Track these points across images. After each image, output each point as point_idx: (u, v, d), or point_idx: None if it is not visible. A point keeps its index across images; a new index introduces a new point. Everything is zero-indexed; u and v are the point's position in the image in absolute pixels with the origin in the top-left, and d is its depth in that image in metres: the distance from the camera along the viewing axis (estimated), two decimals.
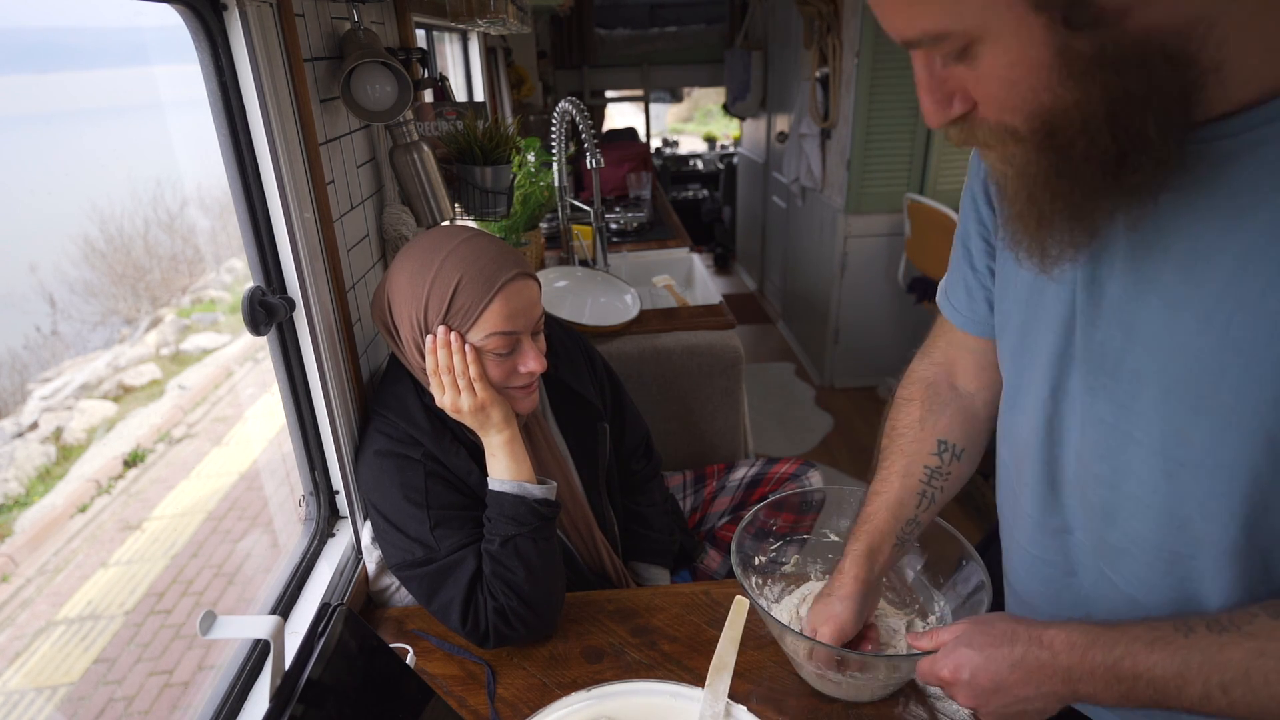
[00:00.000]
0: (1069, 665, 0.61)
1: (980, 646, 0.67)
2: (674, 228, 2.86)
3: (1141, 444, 0.61)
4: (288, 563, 1.08)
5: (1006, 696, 0.65)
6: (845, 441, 3.17)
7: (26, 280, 3.15)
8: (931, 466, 0.86)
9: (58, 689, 2.09)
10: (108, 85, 2.84)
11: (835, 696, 0.90)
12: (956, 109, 0.53)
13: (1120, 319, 0.60)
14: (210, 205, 3.86)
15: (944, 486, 0.87)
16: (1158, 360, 0.58)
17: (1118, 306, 0.60)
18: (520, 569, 0.97)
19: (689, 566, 1.41)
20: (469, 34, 2.85)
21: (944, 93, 0.53)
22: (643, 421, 1.37)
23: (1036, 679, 0.63)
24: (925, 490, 0.86)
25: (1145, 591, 0.65)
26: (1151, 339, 0.58)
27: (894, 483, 0.87)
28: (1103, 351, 0.62)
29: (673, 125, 11.26)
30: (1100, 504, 0.66)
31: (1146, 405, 0.59)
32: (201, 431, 3.44)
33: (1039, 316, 0.68)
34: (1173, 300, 0.56)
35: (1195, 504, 0.59)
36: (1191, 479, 0.58)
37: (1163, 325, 0.57)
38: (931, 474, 0.86)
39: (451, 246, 0.99)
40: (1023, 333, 0.71)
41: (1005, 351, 0.76)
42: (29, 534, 2.52)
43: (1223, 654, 0.55)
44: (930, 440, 0.87)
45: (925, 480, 0.86)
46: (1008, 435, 0.78)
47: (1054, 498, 0.71)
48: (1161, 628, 0.58)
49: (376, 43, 1.18)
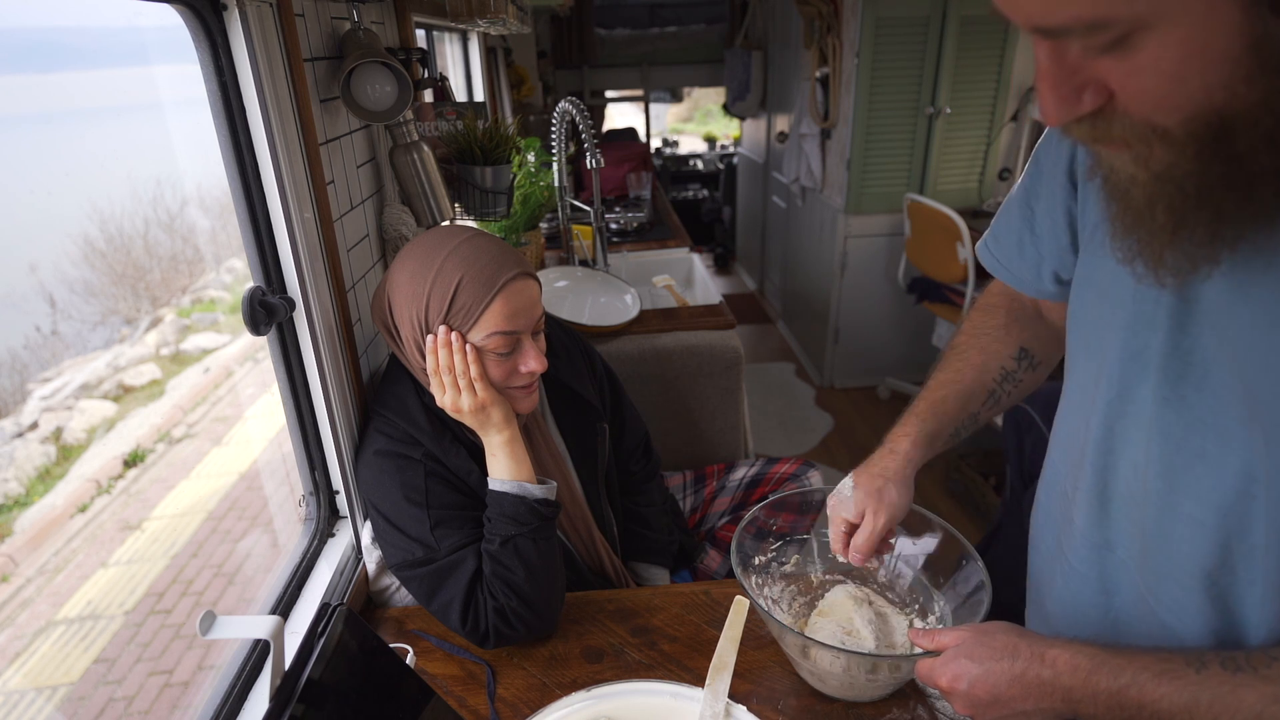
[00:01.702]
0: (1070, 686, 0.60)
1: (980, 659, 0.65)
2: (674, 228, 2.86)
3: (1214, 462, 0.56)
4: (288, 563, 1.08)
5: (1004, 709, 0.64)
6: (845, 441, 3.17)
7: (26, 280, 3.15)
8: (1008, 369, 0.84)
9: (58, 689, 2.09)
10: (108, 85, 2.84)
11: (835, 697, 0.90)
12: (1088, 104, 0.45)
13: (1214, 327, 0.54)
14: (210, 205, 3.86)
15: (1013, 391, 0.85)
16: (1249, 376, 0.53)
17: (1213, 313, 0.54)
18: (520, 569, 0.97)
19: (689, 566, 1.41)
20: (469, 34, 2.85)
21: (1074, 85, 0.45)
22: (642, 422, 1.37)
23: (1036, 695, 0.62)
24: (995, 390, 0.84)
25: (1185, 620, 0.62)
26: (1246, 352, 0.53)
27: (969, 375, 0.85)
28: (1189, 360, 0.57)
29: (673, 125, 11.26)
30: (1155, 522, 0.62)
31: (1228, 422, 0.55)
32: (201, 431, 3.43)
33: (1112, 313, 0.62)
34: (1269, 317, 0.51)
35: (1257, 535, 0.55)
36: (1256, 509, 0.55)
37: (1258, 339, 0.52)
38: (1006, 376, 0.84)
39: (452, 246, 0.99)
40: (1095, 328, 0.66)
41: (1074, 344, 0.71)
42: (29, 534, 2.52)
43: (1235, 695, 0.52)
44: (1013, 344, 0.85)
45: (999, 381, 0.84)
46: (1063, 437, 0.75)
47: (1102, 511, 0.67)
48: (1173, 659, 0.56)
49: (376, 43, 1.18)
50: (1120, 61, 0.42)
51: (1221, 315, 0.54)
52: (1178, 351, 0.57)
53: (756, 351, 4.13)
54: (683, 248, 2.57)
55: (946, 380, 0.86)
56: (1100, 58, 0.43)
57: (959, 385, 0.85)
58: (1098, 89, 0.45)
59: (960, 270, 2.77)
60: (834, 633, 0.91)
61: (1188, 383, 0.57)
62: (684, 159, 6.62)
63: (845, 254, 3.34)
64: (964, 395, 0.84)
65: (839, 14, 3.06)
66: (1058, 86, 0.45)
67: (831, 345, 3.55)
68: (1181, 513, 0.59)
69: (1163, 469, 0.60)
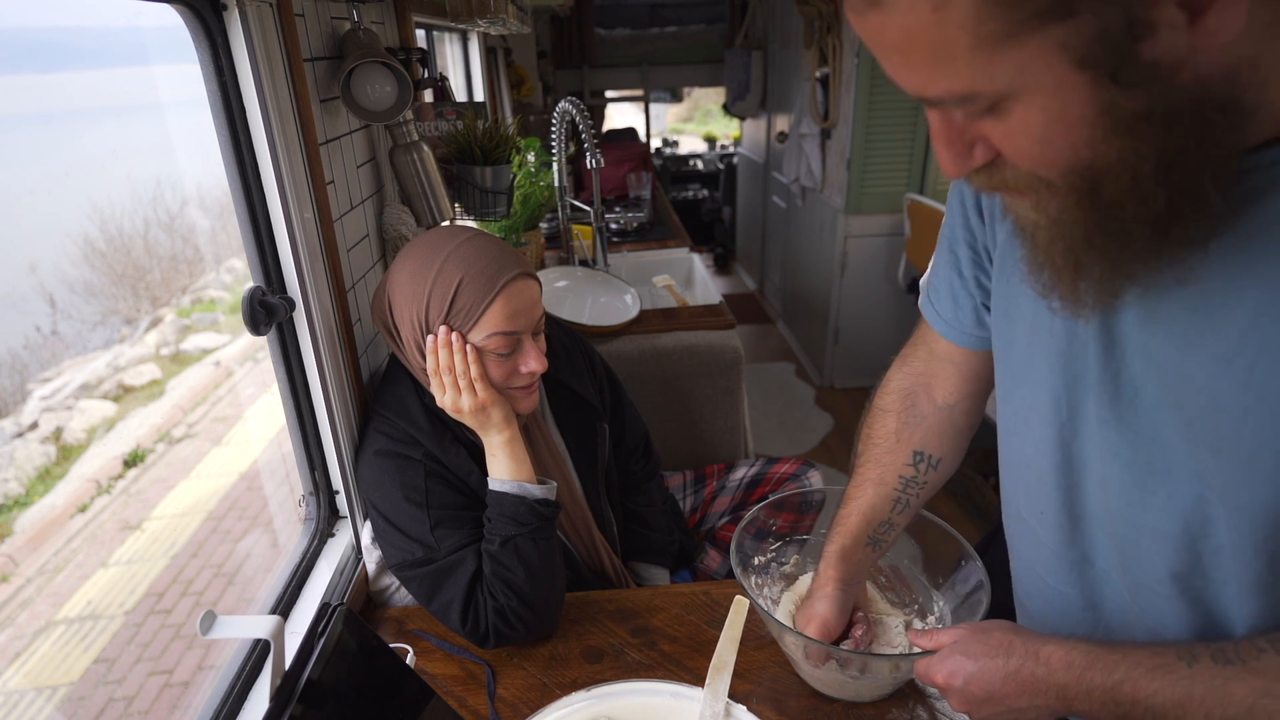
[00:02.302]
0: (1064, 683, 0.61)
1: (975, 656, 0.66)
2: (674, 228, 2.86)
3: (1163, 477, 0.58)
4: (288, 563, 1.08)
5: (999, 706, 0.65)
6: (845, 441, 3.17)
7: (26, 280, 3.15)
8: (906, 476, 0.87)
9: (58, 689, 2.09)
10: (108, 85, 2.84)
11: (835, 697, 0.90)
12: (979, 158, 0.50)
13: (1137, 352, 0.57)
14: (210, 205, 3.86)
15: (919, 493, 0.88)
16: (1174, 395, 0.55)
17: (1132, 339, 0.57)
18: (520, 569, 0.97)
19: (689, 566, 1.41)
20: (469, 34, 2.85)
21: (964, 143, 0.50)
22: (642, 422, 1.37)
23: (1030, 692, 0.63)
24: (900, 497, 0.87)
25: (1170, 626, 0.63)
26: (1168, 374, 0.55)
27: (868, 490, 0.88)
28: (1118, 382, 0.59)
29: (673, 125, 11.26)
30: (1123, 536, 0.63)
31: (1167, 439, 0.57)
32: (201, 431, 3.44)
33: (1046, 341, 0.65)
34: (1186, 340, 0.53)
35: (1220, 539, 0.57)
36: (1215, 514, 0.56)
37: (1177, 362, 0.54)
38: (906, 483, 0.87)
39: (453, 246, 0.99)
40: (1027, 356, 0.68)
41: (1005, 373, 0.73)
42: (29, 534, 2.52)
43: (1227, 688, 0.53)
44: (905, 452, 0.87)
45: (900, 489, 0.87)
46: (1011, 462, 0.75)
47: (1075, 529, 0.68)
48: (1165, 654, 0.57)
49: (376, 43, 1.18)
50: (998, 124, 0.47)
51: (1140, 340, 0.57)
52: (1106, 374, 0.60)
53: (756, 351, 4.13)
54: (683, 248, 2.57)
55: (850, 496, 0.90)
56: (981, 120, 0.47)
57: (859, 503, 0.88)
58: (985, 145, 0.49)
59: None
60: None
61: (1122, 403, 0.59)
62: (684, 159, 6.62)
63: (845, 254, 3.34)
64: (866, 512, 0.88)
65: (839, 14, 3.06)
66: (950, 144, 0.50)
67: (831, 345, 3.55)
68: (1146, 525, 0.61)
69: (1120, 486, 0.62)
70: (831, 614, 0.88)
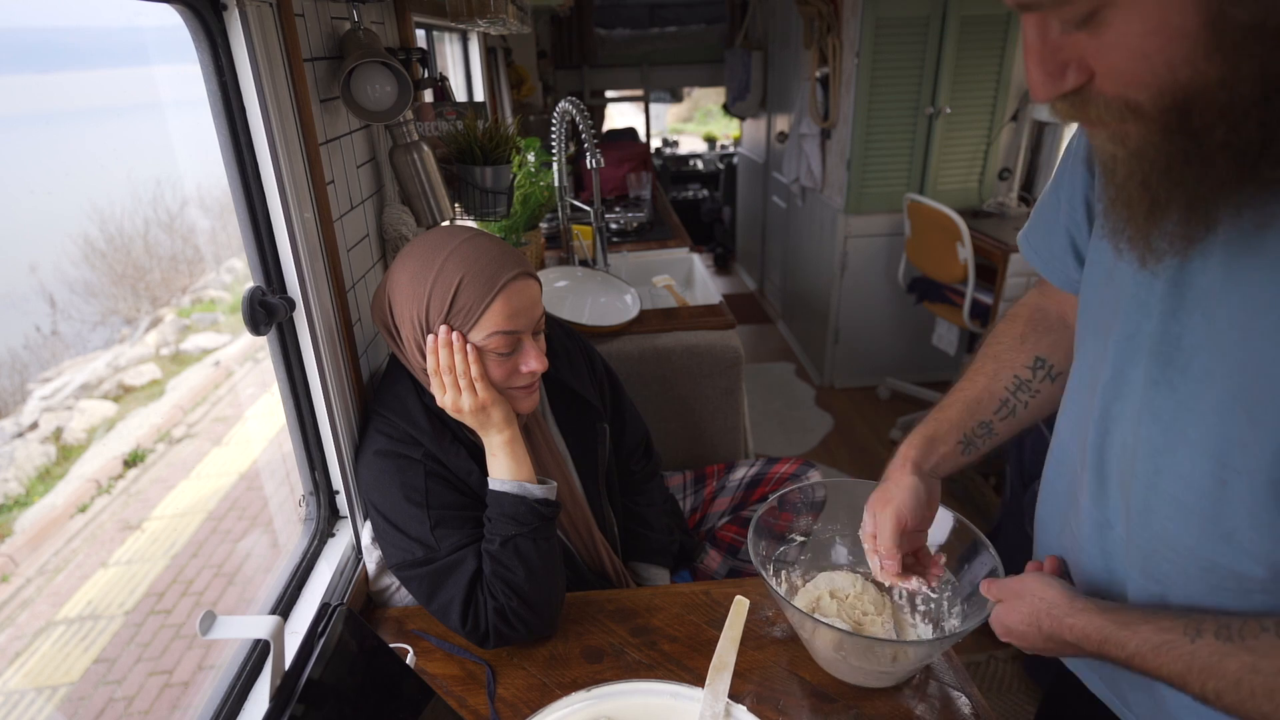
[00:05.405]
0: (1086, 650, 0.66)
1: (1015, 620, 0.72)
2: (674, 228, 2.86)
3: (1195, 446, 0.58)
4: (288, 563, 1.08)
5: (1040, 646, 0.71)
6: (845, 441, 3.17)
7: (26, 280, 3.14)
8: (1022, 378, 0.83)
9: (58, 689, 2.09)
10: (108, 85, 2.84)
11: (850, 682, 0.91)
12: (1071, 81, 0.48)
13: (1205, 313, 0.56)
14: (210, 205, 3.86)
15: (1029, 402, 0.83)
16: (1230, 362, 0.54)
17: (1204, 300, 0.55)
18: (520, 569, 0.97)
19: (689, 566, 1.41)
20: (469, 34, 2.85)
21: (1058, 62, 0.48)
22: (642, 422, 1.37)
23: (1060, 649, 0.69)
24: (1008, 399, 0.83)
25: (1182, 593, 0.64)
26: (1230, 339, 0.54)
27: (977, 381, 0.84)
28: (1178, 345, 0.58)
29: (673, 125, 11.26)
30: (1140, 502, 0.64)
31: (1209, 407, 0.56)
32: (201, 431, 3.43)
33: (1115, 296, 0.64)
34: (1258, 303, 0.52)
35: (1245, 514, 0.57)
36: (1245, 489, 0.56)
37: (1243, 327, 0.53)
38: (1020, 384, 0.83)
39: (453, 246, 0.99)
40: (1101, 308, 0.67)
41: (1083, 325, 0.72)
42: (29, 534, 2.52)
43: (1221, 664, 0.56)
44: (1028, 354, 0.83)
45: (1011, 389, 0.83)
46: (1071, 414, 0.75)
47: (1101, 489, 0.68)
48: (1172, 630, 0.59)
49: (376, 43, 1.18)
50: (1093, 38, 0.45)
51: (1211, 301, 0.55)
52: (1168, 336, 0.59)
53: (756, 351, 4.13)
54: (683, 248, 2.57)
55: (955, 389, 0.86)
56: (1077, 34, 0.46)
57: (966, 393, 0.84)
58: (1080, 67, 0.48)
59: (960, 270, 2.77)
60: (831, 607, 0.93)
61: (1174, 367, 0.59)
62: (684, 159, 6.62)
63: (845, 254, 3.34)
64: (970, 402, 0.83)
65: (839, 14, 3.06)
66: (1043, 62, 0.48)
67: (831, 345, 3.55)
68: (1163, 493, 0.62)
69: (1149, 450, 0.62)
70: (907, 503, 0.81)
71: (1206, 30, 0.41)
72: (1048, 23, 0.47)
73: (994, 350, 0.85)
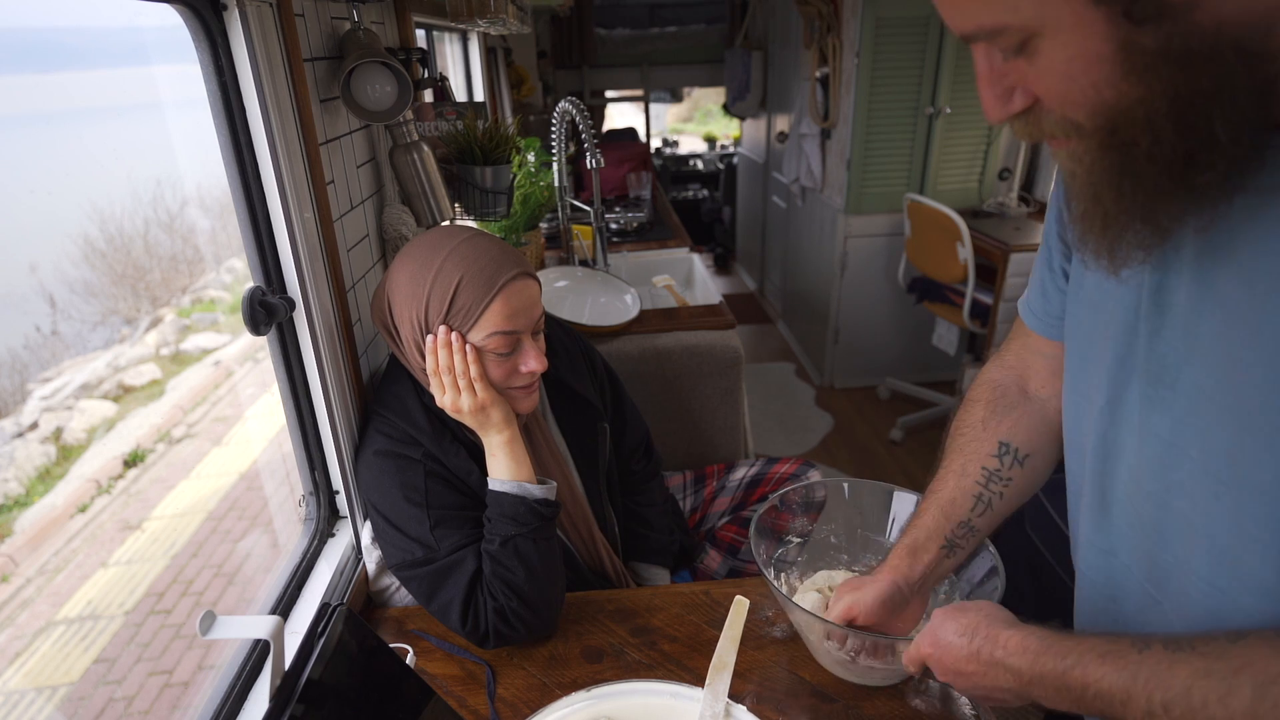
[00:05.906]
0: (1019, 668, 0.62)
1: (946, 634, 0.69)
2: (674, 228, 2.86)
3: (1196, 461, 0.58)
4: (288, 563, 1.08)
5: (968, 681, 0.68)
6: (845, 441, 3.17)
7: (26, 280, 3.14)
8: (990, 469, 0.83)
9: (58, 689, 2.09)
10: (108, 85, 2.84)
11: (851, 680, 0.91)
12: (1018, 104, 0.52)
13: (1184, 329, 0.57)
14: (210, 205, 3.86)
15: (1003, 492, 0.83)
16: (1216, 375, 0.55)
17: (1182, 316, 0.57)
18: (520, 569, 0.97)
19: (689, 566, 1.41)
20: (469, 34, 2.85)
21: (1004, 87, 0.52)
22: (642, 421, 1.37)
23: (991, 674, 0.65)
24: (981, 494, 0.83)
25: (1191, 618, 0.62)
26: (1212, 353, 0.55)
27: (948, 482, 0.84)
28: (1164, 363, 0.59)
29: (673, 125, 11.25)
30: (1153, 522, 0.63)
31: (1204, 421, 0.57)
32: (201, 431, 3.43)
33: (1103, 322, 0.65)
34: (1233, 313, 0.53)
35: (1238, 531, 0.56)
36: (1236, 503, 0.55)
37: (1222, 338, 0.54)
38: (990, 476, 0.83)
39: (452, 246, 0.99)
40: (1088, 339, 0.68)
41: (1070, 358, 0.72)
42: (29, 534, 2.52)
43: (1170, 672, 0.54)
44: (991, 441, 0.83)
45: (982, 483, 0.83)
46: (1070, 446, 0.75)
47: (1104, 517, 0.68)
48: (1120, 641, 0.58)
49: (376, 43, 1.18)
50: (1031, 65, 0.49)
51: (1190, 317, 0.57)
52: (1154, 355, 0.60)
53: (756, 351, 4.13)
54: (683, 248, 2.57)
55: (930, 491, 0.86)
56: (1017, 60, 0.50)
57: (939, 495, 0.84)
58: (1025, 90, 0.52)
59: (960, 270, 2.77)
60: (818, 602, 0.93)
61: (1166, 384, 0.59)
62: (684, 159, 6.62)
63: (845, 254, 3.34)
64: (945, 505, 0.84)
65: (839, 14, 3.06)
66: (991, 86, 0.52)
67: (831, 345, 3.55)
68: (1175, 511, 0.61)
69: (1155, 469, 0.61)
70: (868, 604, 0.82)
71: (1120, 54, 0.45)
72: (991, 52, 0.51)
73: (959, 442, 0.86)
